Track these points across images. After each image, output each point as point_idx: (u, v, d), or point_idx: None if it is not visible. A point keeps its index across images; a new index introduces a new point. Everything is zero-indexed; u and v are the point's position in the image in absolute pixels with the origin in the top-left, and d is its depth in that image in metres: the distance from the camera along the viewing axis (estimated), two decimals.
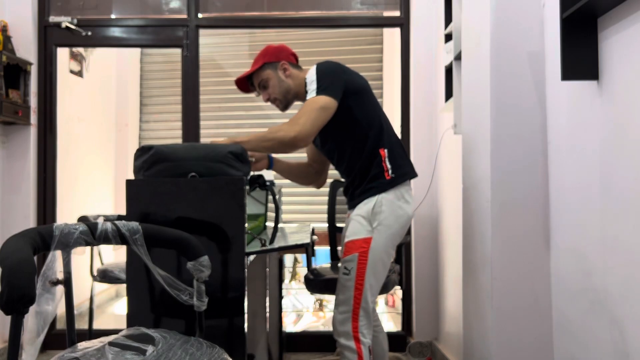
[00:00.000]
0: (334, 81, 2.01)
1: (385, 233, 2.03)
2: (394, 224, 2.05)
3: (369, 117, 2.09)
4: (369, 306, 2.03)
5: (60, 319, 3.61)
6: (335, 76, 2.03)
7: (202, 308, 1.53)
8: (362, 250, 2.03)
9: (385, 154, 2.08)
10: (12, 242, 1.23)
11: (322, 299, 4.50)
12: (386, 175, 2.06)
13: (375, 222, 2.04)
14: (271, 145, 1.97)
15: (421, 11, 3.40)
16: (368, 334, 2.04)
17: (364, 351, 2.00)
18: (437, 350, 3.21)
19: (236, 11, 3.67)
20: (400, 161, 2.11)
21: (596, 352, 1.62)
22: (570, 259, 1.80)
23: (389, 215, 2.04)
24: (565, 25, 1.57)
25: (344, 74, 2.07)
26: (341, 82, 2.02)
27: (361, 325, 2.02)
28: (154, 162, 1.79)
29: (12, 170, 3.36)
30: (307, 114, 1.94)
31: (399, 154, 2.12)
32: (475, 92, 2.17)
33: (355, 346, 2.00)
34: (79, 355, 1.30)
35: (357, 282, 2.02)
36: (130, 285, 1.79)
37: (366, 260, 2.02)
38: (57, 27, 3.49)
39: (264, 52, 2.25)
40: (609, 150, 1.54)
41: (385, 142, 2.10)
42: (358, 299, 2.02)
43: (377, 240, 2.03)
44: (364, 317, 2.02)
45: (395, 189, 2.06)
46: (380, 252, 2.03)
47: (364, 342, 2.01)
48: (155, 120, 5.28)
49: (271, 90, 2.21)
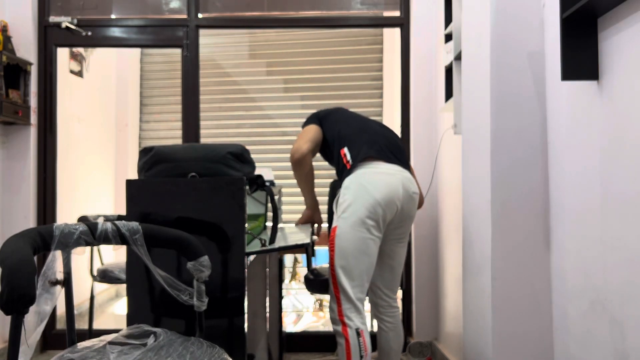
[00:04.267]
0: (308, 119, 2.50)
1: (349, 220, 2.16)
2: (356, 211, 2.15)
3: (331, 133, 2.39)
4: (347, 290, 2.13)
5: (60, 319, 3.61)
6: (310, 117, 2.50)
7: (202, 308, 1.53)
8: (330, 238, 2.20)
9: (345, 151, 2.29)
10: (12, 242, 1.23)
11: (322, 299, 4.50)
12: (347, 166, 2.25)
13: (339, 211, 2.19)
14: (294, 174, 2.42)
15: (421, 11, 3.40)
16: (356, 317, 2.13)
17: (349, 333, 2.11)
18: (437, 350, 3.21)
19: (236, 11, 3.67)
20: (357, 149, 2.27)
21: (596, 352, 1.62)
22: (570, 259, 1.80)
23: (350, 203, 2.16)
24: (565, 25, 1.57)
25: (316, 113, 2.52)
26: (314, 117, 2.48)
27: (345, 309, 2.13)
28: (155, 162, 1.79)
29: (12, 171, 3.36)
30: (297, 140, 2.40)
31: (356, 143, 2.30)
32: (475, 92, 2.17)
33: (342, 329, 2.12)
34: (79, 356, 1.30)
35: (331, 269, 2.18)
36: (130, 285, 1.79)
37: (334, 247, 2.17)
38: (57, 27, 3.49)
39: None
40: (609, 150, 1.54)
41: (343, 142, 2.31)
42: (335, 284, 2.16)
43: (341, 227, 2.16)
44: (345, 300, 2.14)
45: (350, 176, 2.22)
46: (346, 236, 2.15)
47: (350, 324, 2.12)
48: (155, 120, 5.28)
49: None
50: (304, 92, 4.83)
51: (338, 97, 4.68)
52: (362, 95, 4.68)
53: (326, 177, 3.19)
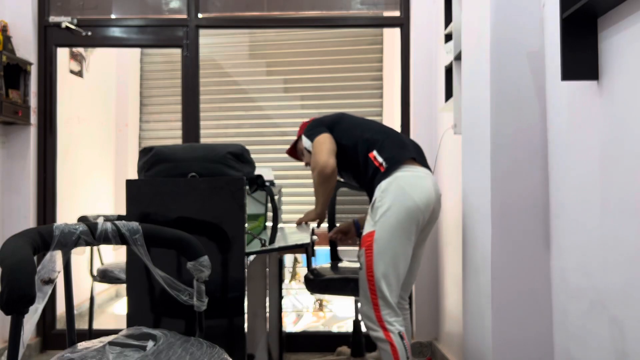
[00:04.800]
0: (314, 128, 2.43)
1: (387, 224, 2.15)
2: (395, 214, 2.15)
3: (351, 139, 2.35)
4: (387, 295, 2.14)
5: (60, 319, 3.60)
6: (314, 126, 2.45)
7: (202, 308, 1.53)
8: (367, 244, 2.17)
9: (374, 154, 2.25)
10: (12, 242, 1.23)
11: (322, 299, 4.50)
12: (381, 169, 2.21)
13: (377, 216, 2.16)
14: (320, 187, 2.37)
15: (421, 11, 3.40)
16: (395, 321, 2.15)
17: (394, 338, 2.12)
18: (437, 350, 3.21)
19: (236, 11, 3.67)
20: (389, 152, 2.25)
21: (596, 352, 1.62)
22: (570, 258, 1.80)
23: (389, 207, 2.15)
24: (565, 25, 1.57)
25: (320, 120, 2.48)
26: (320, 125, 2.43)
27: (384, 314, 2.13)
28: (154, 162, 1.79)
29: (12, 170, 3.36)
30: (315, 153, 2.35)
31: (388, 145, 2.27)
32: (475, 92, 2.17)
33: (385, 335, 2.13)
34: (79, 356, 1.30)
35: (367, 274, 2.15)
36: (130, 285, 1.79)
37: (372, 253, 2.14)
38: (57, 27, 3.49)
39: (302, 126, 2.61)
40: (609, 150, 1.54)
41: (370, 146, 2.28)
42: (373, 290, 2.14)
43: (379, 232, 2.15)
44: (384, 306, 2.14)
45: (388, 178, 2.19)
46: (385, 242, 2.15)
47: (391, 329, 2.13)
48: (155, 120, 5.28)
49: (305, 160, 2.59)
50: (303, 92, 4.83)
51: (338, 97, 4.68)
52: (362, 95, 4.68)
53: None
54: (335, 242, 2.86)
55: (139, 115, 5.27)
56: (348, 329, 3.55)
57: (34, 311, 1.31)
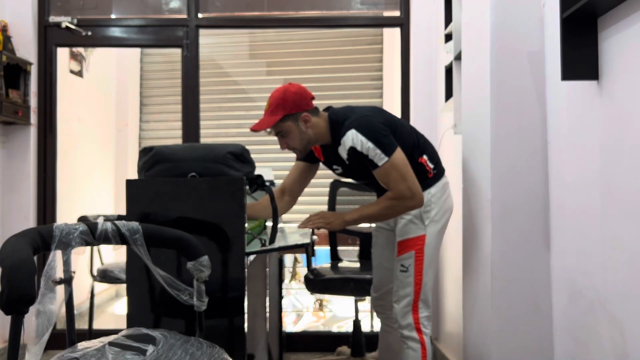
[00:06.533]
0: (386, 136, 2.06)
1: (435, 228, 2.18)
2: (441, 218, 2.19)
3: (406, 143, 2.14)
4: (428, 298, 2.18)
5: (60, 319, 3.59)
6: (384, 131, 2.07)
7: (202, 308, 1.53)
8: (418, 247, 2.15)
9: (426, 159, 2.19)
10: (12, 242, 1.23)
11: (322, 299, 4.50)
12: (429, 174, 2.19)
13: (427, 220, 2.16)
14: (388, 212, 2.12)
15: (421, 11, 3.40)
16: (429, 324, 2.19)
17: (426, 340, 2.15)
18: (437, 350, 3.21)
19: (236, 11, 3.67)
20: (436, 158, 2.25)
21: (596, 352, 1.62)
22: (570, 259, 1.80)
23: (438, 211, 2.17)
24: (565, 25, 1.57)
25: (383, 123, 2.09)
26: (388, 132, 2.08)
27: (422, 317, 2.16)
28: (154, 162, 1.79)
29: (12, 170, 3.36)
30: (401, 178, 2.04)
31: (434, 151, 2.27)
32: (475, 92, 2.17)
33: (418, 336, 2.15)
34: (79, 355, 1.30)
35: (416, 278, 2.16)
36: (130, 285, 1.79)
37: (422, 256, 2.15)
38: (57, 27, 3.49)
39: (282, 100, 2.11)
40: (609, 150, 1.54)
41: (422, 150, 2.20)
42: (418, 293, 2.16)
43: (430, 236, 2.16)
44: (424, 309, 2.17)
45: (438, 183, 2.20)
46: (434, 247, 2.18)
47: (425, 332, 2.16)
48: (155, 120, 5.28)
49: (291, 141, 2.17)
50: None
51: (338, 97, 4.68)
52: (362, 95, 4.68)
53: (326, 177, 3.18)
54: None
55: (139, 115, 5.27)
56: (348, 329, 3.55)
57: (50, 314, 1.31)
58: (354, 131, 2.05)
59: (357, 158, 2.07)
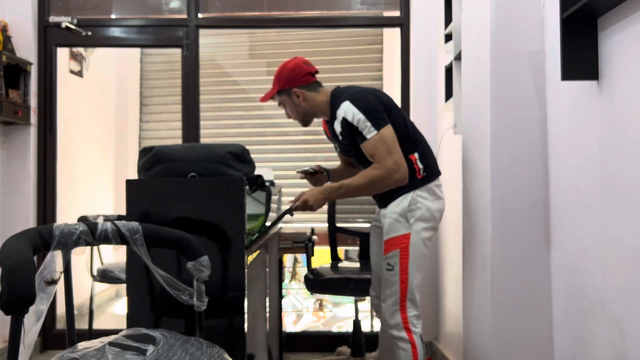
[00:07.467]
0: (379, 111, 2.13)
1: (421, 227, 2.16)
2: (429, 219, 2.18)
3: (400, 130, 2.18)
4: (415, 297, 2.17)
5: (60, 319, 3.60)
6: (378, 107, 2.15)
7: (202, 308, 1.53)
8: (402, 246, 2.16)
9: (416, 157, 2.20)
10: (12, 242, 1.23)
11: (322, 299, 4.50)
12: (417, 174, 2.18)
13: (412, 219, 2.16)
14: (369, 187, 2.15)
15: (421, 11, 3.40)
16: (418, 323, 2.18)
17: (416, 339, 2.14)
18: (437, 350, 3.21)
19: (236, 11, 3.67)
20: (429, 160, 2.24)
21: (596, 352, 1.62)
22: (570, 258, 1.80)
23: (424, 211, 2.16)
24: (565, 25, 1.57)
25: (378, 99, 2.18)
26: (382, 109, 2.15)
27: (410, 316, 2.16)
28: (154, 162, 1.80)
29: (12, 170, 3.36)
30: (387, 151, 2.09)
31: (428, 153, 2.26)
32: (475, 92, 2.17)
33: (407, 336, 2.15)
34: (79, 355, 1.30)
35: (401, 276, 2.16)
36: (130, 285, 1.79)
37: (408, 255, 2.15)
38: (57, 27, 3.49)
39: (277, 75, 2.32)
40: (609, 150, 1.54)
41: (414, 147, 2.21)
42: (404, 292, 2.16)
43: (415, 235, 2.16)
44: (411, 307, 2.16)
45: (426, 186, 2.19)
46: (419, 246, 2.17)
47: (414, 331, 2.15)
48: (155, 120, 5.27)
49: (289, 112, 2.37)
50: None
51: None
52: None
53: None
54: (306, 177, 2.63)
55: (139, 115, 5.27)
56: (348, 329, 3.55)
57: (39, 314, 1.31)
58: (347, 102, 2.14)
59: (349, 131, 2.14)
